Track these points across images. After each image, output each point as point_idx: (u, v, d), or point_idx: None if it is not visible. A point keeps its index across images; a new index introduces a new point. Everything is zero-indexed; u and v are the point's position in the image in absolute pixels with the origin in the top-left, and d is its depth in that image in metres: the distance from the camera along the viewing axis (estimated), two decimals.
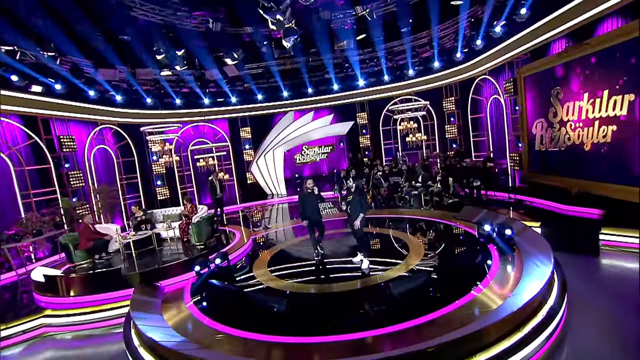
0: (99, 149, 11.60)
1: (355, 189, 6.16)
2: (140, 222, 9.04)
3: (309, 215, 6.72)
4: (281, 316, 4.93)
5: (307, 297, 5.43)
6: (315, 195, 6.73)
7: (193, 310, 5.34)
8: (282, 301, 5.25)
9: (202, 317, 5.02)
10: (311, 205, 6.72)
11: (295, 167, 17.61)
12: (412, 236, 7.65)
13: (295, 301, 5.33)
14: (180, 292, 6.16)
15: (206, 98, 14.08)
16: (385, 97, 15.05)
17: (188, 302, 5.68)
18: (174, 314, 5.24)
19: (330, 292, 5.48)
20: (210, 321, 4.88)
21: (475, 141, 13.06)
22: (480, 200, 9.63)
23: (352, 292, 5.38)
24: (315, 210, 6.75)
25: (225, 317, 4.90)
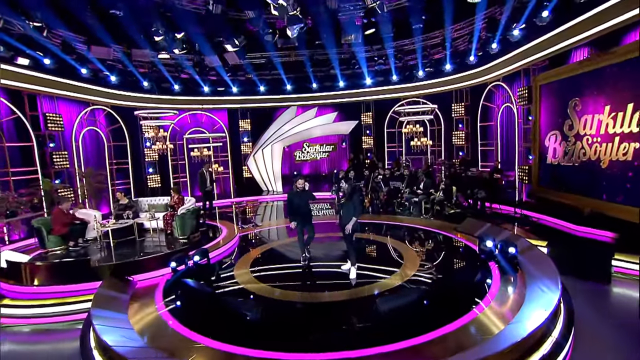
0: (89, 131, 11.24)
1: (348, 191, 5.73)
2: (123, 210, 8.68)
3: (298, 215, 6.35)
4: (257, 325, 4.53)
5: (288, 305, 5.03)
6: (306, 194, 6.36)
7: (162, 311, 4.94)
8: (258, 308, 4.88)
9: (170, 321, 4.63)
10: (301, 205, 6.35)
11: (294, 164, 17.21)
12: (408, 246, 7.23)
13: (275, 309, 4.94)
14: (153, 289, 5.77)
15: (206, 86, 13.71)
16: (392, 97, 14.61)
17: (159, 301, 5.29)
18: (140, 314, 4.85)
19: (313, 302, 5.07)
20: (178, 325, 4.49)
21: (483, 150, 12.60)
22: (484, 213, 9.19)
23: (338, 303, 4.98)
24: (305, 210, 6.38)
25: (195, 322, 4.51)
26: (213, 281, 6.03)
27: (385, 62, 12.12)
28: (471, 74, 12.14)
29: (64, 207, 7.37)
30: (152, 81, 11.98)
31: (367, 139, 15.73)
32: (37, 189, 8.65)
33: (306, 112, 15.73)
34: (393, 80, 13.84)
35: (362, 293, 5.29)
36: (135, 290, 5.78)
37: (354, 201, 5.77)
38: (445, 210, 9.37)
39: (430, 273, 5.84)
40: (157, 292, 5.63)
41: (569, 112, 7.90)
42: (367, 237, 8.14)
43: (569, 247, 6.67)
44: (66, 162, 9.68)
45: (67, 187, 9.56)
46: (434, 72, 12.90)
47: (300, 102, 15.40)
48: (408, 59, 12.55)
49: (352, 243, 5.89)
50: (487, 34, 9.53)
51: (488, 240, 6.16)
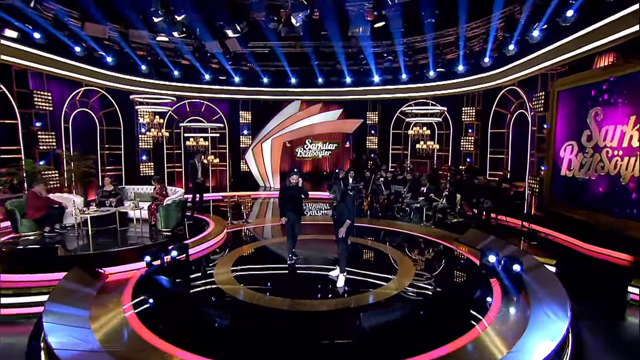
0: (81, 113, 10.93)
1: (338, 193, 5.32)
2: (107, 197, 8.34)
3: (288, 212, 6.06)
4: (228, 334, 4.12)
5: (265, 312, 4.62)
6: (299, 189, 6.09)
7: (129, 313, 4.54)
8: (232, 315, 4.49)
9: (135, 322, 4.23)
10: (293, 201, 6.08)
11: (295, 160, 16.81)
12: (405, 254, 6.77)
13: (250, 315, 4.55)
14: (125, 284, 5.40)
15: (207, 74, 13.35)
16: (400, 97, 14.13)
17: (127, 300, 4.90)
18: (103, 313, 4.46)
19: (293, 310, 4.65)
20: (142, 328, 4.09)
21: (493, 158, 12.08)
22: (489, 224, 8.70)
23: (320, 314, 4.57)
24: (296, 207, 6.11)
25: (160, 327, 4.12)
26: (189, 280, 5.66)
27: (394, 60, 11.65)
28: (485, 77, 11.63)
29: (37, 190, 7.00)
30: (150, 65, 11.62)
31: (372, 139, 15.27)
32: (18, 169, 8.32)
33: (310, 107, 15.31)
34: (402, 79, 13.35)
35: (349, 304, 4.89)
36: (105, 284, 5.42)
37: (346, 203, 5.36)
38: (447, 219, 8.90)
39: (426, 286, 5.41)
40: (128, 288, 5.26)
41: (588, 121, 7.38)
42: (364, 243, 7.72)
43: (580, 268, 6.17)
44: (53, 143, 9.36)
45: (51, 170, 9.24)
46: (445, 73, 12.40)
47: (304, 96, 14.97)
48: (419, 58, 12.07)
49: (345, 248, 5.49)
50: (504, 34, 9.02)
51: (491, 255, 5.70)
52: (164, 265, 5.86)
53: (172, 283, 5.41)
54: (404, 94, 14.03)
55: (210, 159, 12.54)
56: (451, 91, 12.95)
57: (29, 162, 8.49)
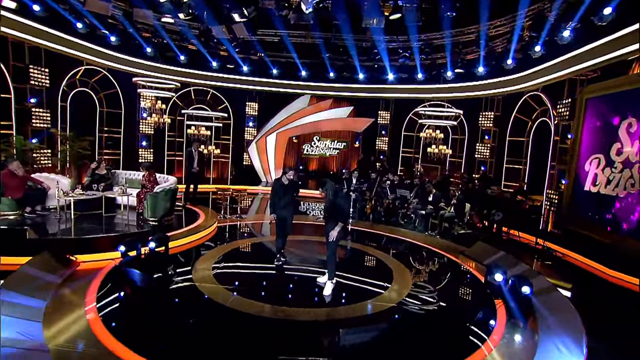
0: (81, 92, 10.73)
1: (331, 190, 4.90)
2: (97, 181, 8.10)
3: (279, 209, 5.71)
4: (197, 341, 3.72)
5: (240, 317, 4.23)
6: (293, 186, 5.77)
7: (90, 304, 4.20)
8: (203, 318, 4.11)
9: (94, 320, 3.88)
10: (285, 198, 5.73)
11: (300, 157, 16.43)
12: (404, 264, 6.28)
13: (223, 320, 4.17)
14: (95, 274, 5.08)
15: (215, 61, 13.04)
16: (415, 98, 13.58)
17: (92, 292, 4.57)
18: (60, 306, 4.13)
19: (271, 318, 4.24)
20: (101, 327, 3.73)
21: (509, 168, 11.44)
22: (499, 239, 8.13)
23: (302, 324, 4.16)
24: (288, 204, 5.75)
25: (122, 326, 3.76)
26: (164, 275, 5.30)
27: (410, 57, 11.12)
28: (506, 81, 11.00)
29: (13, 168, 6.73)
30: (155, 48, 11.36)
31: (382, 140, 14.76)
32: (8, 145, 8.12)
33: (320, 102, 14.88)
34: (418, 79, 12.79)
35: (335, 315, 4.48)
36: (74, 273, 5.11)
37: (338, 203, 4.93)
38: (454, 229, 8.37)
39: (422, 302, 4.92)
40: (97, 279, 4.93)
41: (619, 133, 6.75)
42: (362, 248, 7.27)
43: (600, 295, 5.59)
44: (47, 121, 9.16)
45: (44, 149, 9.05)
46: (464, 74, 11.82)
47: (314, 91, 14.55)
48: (436, 57, 11.50)
49: (334, 253, 5.06)
50: (530, 34, 8.42)
51: (498, 273, 5.15)
52: (140, 257, 5.51)
53: (144, 277, 5.04)
54: (418, 94, 13.48)
55: (211, 149, 12.22)
56: (469, 94, 12.34)
57: (20, 139, 8.29)
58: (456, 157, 13.41)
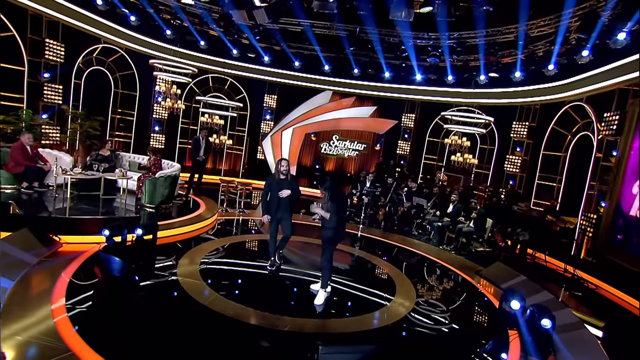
0: (97, 71, 10.83)
1: (328, 192, 4.55)
2: (100, 161, 8.07)
3: (274, 208, 5.30)
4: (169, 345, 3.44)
5: (218, 320, 3.93)
6: (289, 182, 5.31)
7: (59, 291, 4.00)
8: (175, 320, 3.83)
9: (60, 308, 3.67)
10: (281, 197, 5.27)
11: (317, 156, 16.12)
12: (411, 279, 5.81)
13: (200, 323, 3.87)
14: (75, 257, 4.92)
15: (235, 49, 12.91)
16: (443, 102, 12.97)
17: (66, 276, 4.39)
18: (29, 292, 3.95)
19: (253, 325, 3.91)
20: (65, 319, 3.51)
21: (541, 185, 10.66)
22: (523, 261, 7.49)
23: (287, 335, 3.82)
24: (284, 202, 5.31)
25: (87, 321, 3.53)
26: (147, 266, 5.08)
27: (440, 56, 10.55)
28: (546, 88, 10.27)
29: (24, 140, 6.75)
30: (175, 31, 11.34)
31: (404, 145, 14.21)
32: (17, 119, 8.21)
33: (342, 99, 14.51)
34: (447, 81, 12.19)
35: (327, 328, 4.13)
36: (54, 254, 4.98)
37: (332, 205, 4.57)
38: (472, 246, 7.80)
39: (424, 320, 4.47)
40: (75, 263, 4.77)
41: None
42: (367, 257, 6.86)
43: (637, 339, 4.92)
44: (59, 97, 9.25)
45: (52, 125, 9.13)
46: (498, 79, 11.13)
47: (337, 87, 14.19)
48: (469, 58, 10.89)
49: (328, 259, 4.70)
50: (578, 36, 7.72)
51: (515, 300, 4.62)
52: (125, 244, 5.33)
53: (124, 267, 4.83)
54: (447, 97, 12.87)
55: (223, 139, 12.08)
56: (503, 101, 11.64)
57: (29, 112, 8.37)
58: (483, 169, 12.69)
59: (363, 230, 8.75)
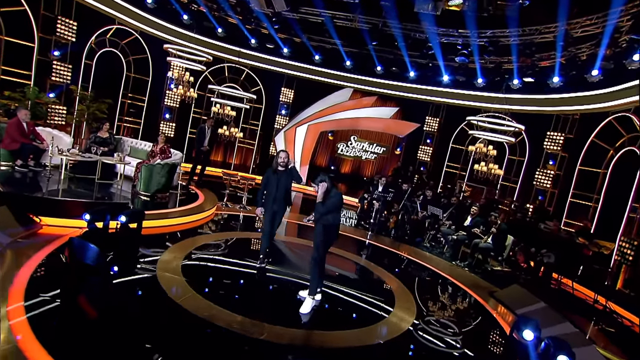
0: (109, 53, 10.93)
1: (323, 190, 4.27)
2: (99, 144, 8.03)
3: (270, 200, 5.13)
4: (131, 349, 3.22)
5: (189, 319, 3.68)
6: (288, 174, 5.15)
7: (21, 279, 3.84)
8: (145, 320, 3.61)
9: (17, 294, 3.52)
10: (279, 189, 5.12)
11: (333, 156, 15.84)
12: (412, 293, 5.40)
13: (175, 326, 3.64)
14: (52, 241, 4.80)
15: (253, 39, 12.80)
16: (471, 106, 12.40)
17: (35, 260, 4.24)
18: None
19: (227, 332, 3.63)
20: (20, 308, 3.33)
21: (575, 203, 9.95)
22: (546, 286, 6.93)
23: (259, 344, 3.52)
24: (282, 196, 5.16)
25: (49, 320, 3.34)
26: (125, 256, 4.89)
27: (469, 56, 10.04)
28: (588, 97, 9.58)
29: (21, 116, 6.77)
30: (192, 16, 11.32)
31: (426, 150, 13.69)
32: (23, 96, 8.31)
33: (363, 98, 14.16)
34: (477, 84, 11.64)
35: (308, 341, 3.82)
36: (30, 235, 4.86)
37: (327, 205, 4.27)
38: (488, 264, 7.28)
39: (421, 340, 4.07)
40: (49, 247, 4.63)
41: None
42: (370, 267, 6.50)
43: None
44: (68, 77, 9.35)
45: (59, 105, 9.23)
46: (534, 84, 10.51)
47: (358, 85, 13.86)
48: (502, 59, 10.32)
49: (318, 264, 4.38)
50: (632, 37, 7.09)
51: (528, 329, 4.14)
52: (107, 231, 5.18)
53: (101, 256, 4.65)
54: (475, 102, 12.31)
55: (234, 131, 11.94)
56: (536, 108, 10.99)
57: (35, 90, 8.46)
58: (510, 181, 12.03)
59: (371, 238, 8.38)
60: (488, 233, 7.22)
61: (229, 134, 11.98)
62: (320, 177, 4.35)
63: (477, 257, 7.36)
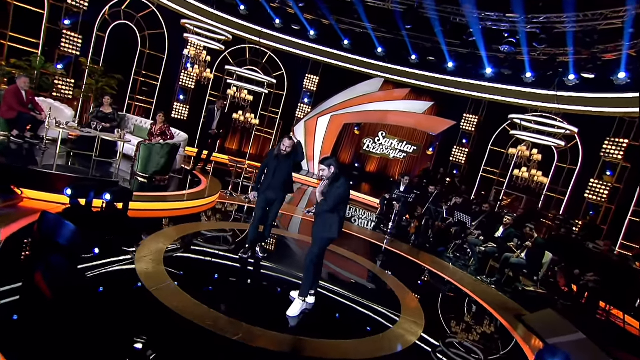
0: (124, 26, 11.07)
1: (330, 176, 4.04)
2: (101, 119, 8.11)
3: (265, 185, 4.95)
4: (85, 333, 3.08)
5: (162, 313, 3.51)
6: (289, 159, 4.93)
7: None
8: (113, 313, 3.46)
9: None
10: (276, 176, 4.92)
11: (358, 153, 15.52)
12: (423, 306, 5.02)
13: (137, 311, 3.50)
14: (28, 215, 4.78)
15: (278, 19, 12.67)
16: (516, 104, 11.70)
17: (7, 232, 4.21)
18: None
19: (198, 325, 3.42)
20: None
21: (635, 222, 9.15)
22: (589, 315, 6.32)
23: (239, 349, 3.30)
24: (280, 182, 4.95)
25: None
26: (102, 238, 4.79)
27: (516, 44, 9.41)
28: None
29: (20, 84, 6.88)
30: None
31: (461, 151, 13.08)
32: (29, 65, 8.53)
33: (395, 90, 13.74)
34: (525, 79, 10.96)
35: (287, 347, 3.57)
36: (12, 207, 4.86)
37: (331, 196, 3.99)
38: (519, 282, 6.75)
39: None
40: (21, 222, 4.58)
41: None
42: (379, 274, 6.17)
43: None
44: (78, 48, 9.53)
45: (66, 77, 9.42)
46: (593, 80, 9.75)
47: (390, 75, 13.45)
48: (556, 50, 9.63)
49: (313, 261, 4.12)
50: None
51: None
52: (90, 209, 5.12)
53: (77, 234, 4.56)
54: (522, 99, 11.61)
55: (249, 117, 11.84)
56: (595, 109, 10.19)
57: (42, 59, 8.66)
58: (557, 192, 11.26)
59: (388, 243, 8.02)
60: (522, 247, 6.69)
61: (244, 119, 11.91)
62: (327, 161, 4.06)
63: (507, 274, 6.84)
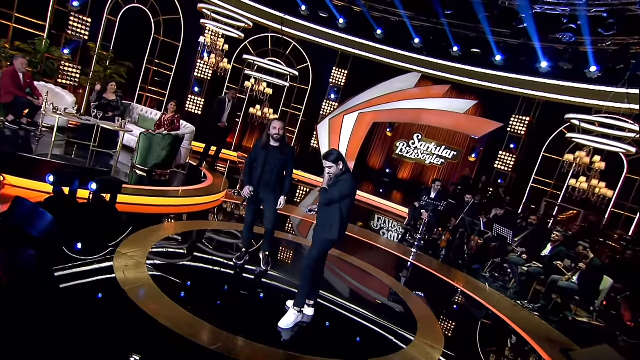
0: (137, 10, 11.30)
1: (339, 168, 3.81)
2: (103, 107, 8.23)
3: (255, 184, 4.61)
4: None
5: (138, 318, 3.35)
6: (281, 150, 4.55)
7: None
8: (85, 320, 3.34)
9: None
10: (265, 171, 4.57)
11: (390, 157, 15.19)
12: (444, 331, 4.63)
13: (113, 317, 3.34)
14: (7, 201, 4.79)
15: (304, 5, 12.60)
16: (576, 103, 10.98)
17: None
18: None
19: (175, 334, 3.23)
20: None
21: None
22: None
23: None
24: (268, 179, 4.59)
25: None
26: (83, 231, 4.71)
27: (576, 31, 8.83)
28: None
29: (18, 65, 7.05)
30: None
31: (507, 157, 12.44)
32: (33, 48, 8.81)
33: (433, 86, 13.32)
34: (589, 73, 10.25)
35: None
36: None
37: (333, 191, 3.75)
38: (570, 312, 6.19)
39: None
40: None
41: None
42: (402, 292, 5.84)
43: None
44: (86, 32, 9.77)
45: (72, 63, 9.67)
46: None
47: (428, 69, 13.05)
48: (628, 39, 8.95)
49: (310, 267, 3.88)
50: None
51: None
52: (74, 199, 5.08)
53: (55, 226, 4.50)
54: (584, 98, 10.87)
55: (267, 112, 11.77)
56: None
57: (47, 42, 8.92)
58: (626, 209, 10.45)
59: (414, 257, 7.64)
60: (574, 269, 6.14)
61: (261, 114, 11.86)
62: (333, 156, 3.80)
63: (555, 300, 6.31)
